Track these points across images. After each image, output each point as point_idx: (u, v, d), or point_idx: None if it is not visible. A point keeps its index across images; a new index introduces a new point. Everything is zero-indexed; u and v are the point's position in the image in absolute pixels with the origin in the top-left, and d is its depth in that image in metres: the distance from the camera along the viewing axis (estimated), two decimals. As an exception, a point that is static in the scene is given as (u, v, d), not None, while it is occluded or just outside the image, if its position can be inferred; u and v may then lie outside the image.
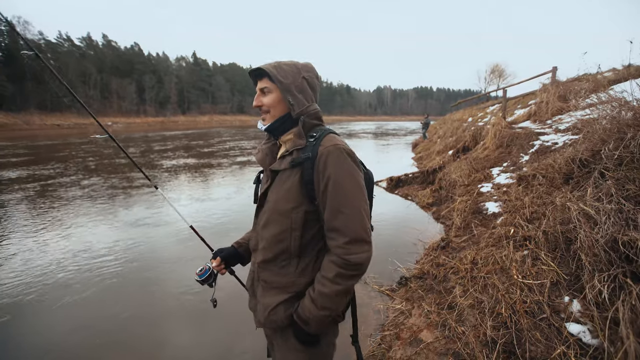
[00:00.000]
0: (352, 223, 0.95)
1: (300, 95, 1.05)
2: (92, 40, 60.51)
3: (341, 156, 0.97)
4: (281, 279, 1.05)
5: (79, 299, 3.12)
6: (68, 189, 7.51)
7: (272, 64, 1.05)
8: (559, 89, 6.26)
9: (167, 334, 2.69)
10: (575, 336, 1.74)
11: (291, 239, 1.02)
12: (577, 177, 2.92)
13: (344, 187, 0.96)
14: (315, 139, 1.02)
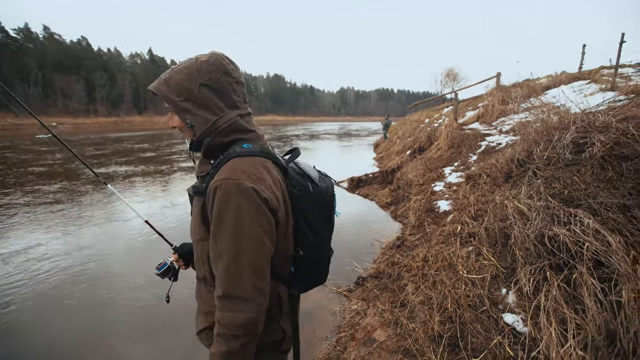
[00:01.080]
0: (227, 277, 0.80)
1: (201, 111, 0.87)
2: (30, 32, 55.00)
3: (228, 194, 0.79)
4: (205, 305, 0.97)
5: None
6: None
7: (164, 77, 0.89)
8: (501, 94, 6.77)
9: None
10: (510, 325, 1.87)
11: (204, 269, 0.94)
12: (515, 175, 3.15)
13: (223, 234, 0.80)
14: (215, 166, 0.87)
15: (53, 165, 10.58)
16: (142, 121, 56.65)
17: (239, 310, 0.80)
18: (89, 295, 3.21)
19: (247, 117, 0.95)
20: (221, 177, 0.81)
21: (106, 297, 3.18)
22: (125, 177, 9.08)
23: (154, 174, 9.59)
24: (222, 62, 0.90)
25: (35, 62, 49.54)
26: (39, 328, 2.75)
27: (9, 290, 3.25)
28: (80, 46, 61.44)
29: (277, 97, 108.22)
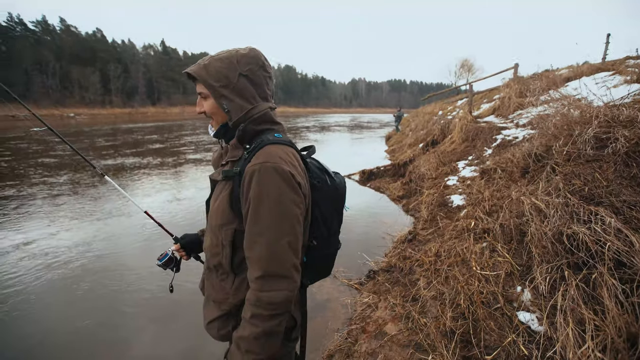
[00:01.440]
0: (268, 256, 0.83)
1: (238, 98, 0.92)
2: (48, 25, 56.05)
3: (268, 177, 0.82)
4: (218, 293, 0.99)
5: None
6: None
7: (203, 63, 0.92)
8: (519, 86, 6.56)
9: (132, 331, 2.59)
10: (525, 324, 1.84)
11: (222, 255, 0.95)
12: (532, 171, 3.08)
13: (264, 214, 0.83)
14: (250, 151, 0.90)
15: (63, 157, 10.75)
16: (155, 112, 57.50)
17: (279, 289, 0.83)
18: (95, 287, 3.24)
19: (274, 111, 1.01)
20: (259, 161, 0.84)
21: (111, 289, 3.19)
22: (131, 169, 9.06)
23: (160, 166, 9.54)
24: (261, 57, 0.97)
25: (52, 54, 50.61)
26: (42, 317, 2.84)
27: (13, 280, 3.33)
28: (95, 38, 62.36)
29: (288, 88, 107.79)
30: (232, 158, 0.95)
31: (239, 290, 0.96)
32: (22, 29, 51.56)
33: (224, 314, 0.98)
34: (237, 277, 0.97)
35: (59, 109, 45.05)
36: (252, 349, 0.85)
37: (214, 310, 1.00)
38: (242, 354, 0.86)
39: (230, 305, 0.97)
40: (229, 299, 0.97)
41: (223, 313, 0.98)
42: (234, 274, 0.97)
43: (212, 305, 1.01)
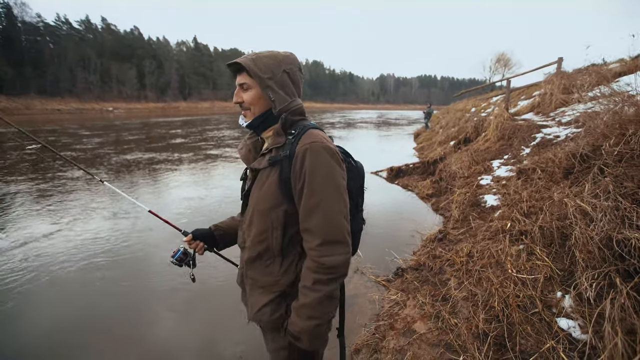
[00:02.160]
0: (326, 224, 0.92)
1: (281, 90, 1.00)
2: (90, 24, 59.57)
3: (319, 154, 0.93)
4: (266, 278, 1.04)
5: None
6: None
7: (250, 57, 0.99)
8: (563, 81, 6.16)
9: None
10: (565, 331, 1.76)
11: (272, 238, 1.00)
12: (577, 172, 2.90)
13: (319, 187, 0.92)
14: (295, 136, 0.98)
15: (86, 151, 10.96)
16: (186, 107, 59.64)
17: (338, 253, 0.92)
18: (111, 281, 3.24)
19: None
20: (308, 141, 0.94)
21: (129, 284, 3.20)
22: (148, 164, 9.02)
23: (176, 162, 9.48)
24: (297, 60, 1.08)
25: (94, 52, 53.72)
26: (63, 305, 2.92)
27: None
28: (132, 36, 65.52)
29: (315, 84, 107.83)
30: (276, 144, 1.00)
31: (288, 271, 1.03)
32: (68, 28, 55.14)
33: (275, 296, 1.03)
34: (285, 259, 1.03)
35: (99, 103, 47.91)
36: (314, 315, 0.94)
37: (263, 297, 1.05)
38: (304, 320, 0.94)
39: (281, 287, 1.03)
40: (280, 280, 1.03)
41: (275, 296, 1.03)
42: (281, 257, 1.02)
43: (259, 292, 1.06)
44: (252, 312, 1.09)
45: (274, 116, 1.02)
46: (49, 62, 46.34)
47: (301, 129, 1.00)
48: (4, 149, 8.34)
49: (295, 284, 1.02)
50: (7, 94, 37.65)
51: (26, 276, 3.24)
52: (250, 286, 1.10)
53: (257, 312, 1.06)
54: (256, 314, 1.07)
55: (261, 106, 1.03)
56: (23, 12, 47.32)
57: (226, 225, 1.31)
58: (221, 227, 1.31)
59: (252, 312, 1.09)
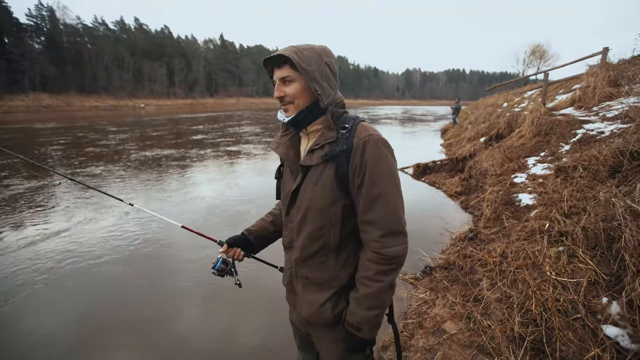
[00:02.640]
0: (388, 215, 0.93)
1: (325, 83, 0.98)
2: (124, 24, 62.31)
3: (377, 147, 0.93)
4: (322, 274, 1.03)
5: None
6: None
7: (292, 49, 0.95)
8: (609, 73, 5.72)
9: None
10: (612, 339, 1.66)
11: (330, 235, 0.99)
12: (625, 170, 2.70)
13: (380, 179, 0.93)
14: (348, 130, 0.97)
15: (109, 147, 11.23)
16: (213, 103, 61.23)
17: (399, 244, 0.95)
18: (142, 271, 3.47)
19: None
20: (366, 134, 0.95)
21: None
22: (163, 161, 8.98)
23: (193, 159, 9.49)
24: (333, 53, 1.05)
25: (128, 51, 56.24)
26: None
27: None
28: (163, 35, 67.89)
29: (341, 80, 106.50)
30: (329, 139, 0.98)
31: (346, 265, 1.03)
32: (104, 29, 58.01)
33: (335, 291, 1.04)
34: (340, 254, 1.03)
35: (132, 100, 50.20)
36: (375, 304, 0.96)
37: (321, 294, 1.04)
38: (365, 311, 0.96)
39: (341, 281, 1.03)
40: (338, 275, 1.03)
41: (335, 291, 1.04)
42: (335, 253, 1.02)
43: (315, 289, 1.05)
44: (309, 311, 1.07)
45: (317, 110, 1.00)
46: (87, 61, 49.06)
47: (353, 122, 0.99)
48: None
49: (353, 276, 1.02)
50: (50, 92, 40.36)
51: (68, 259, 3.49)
52: (303, 285, 1.08)
53: (317, 309, 1.04)
54: (317, 312, 1.05)
55: (305, 99, 1.00)
56: (64, 15, 50.36)
57: (258, 228, 1.30)
58: (254, 231, 1.29)
59: (309, 310, 1.07)
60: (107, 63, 51.09)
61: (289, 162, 1.07)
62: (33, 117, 25.70)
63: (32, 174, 6.92)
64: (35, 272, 3.31)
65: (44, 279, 3.19)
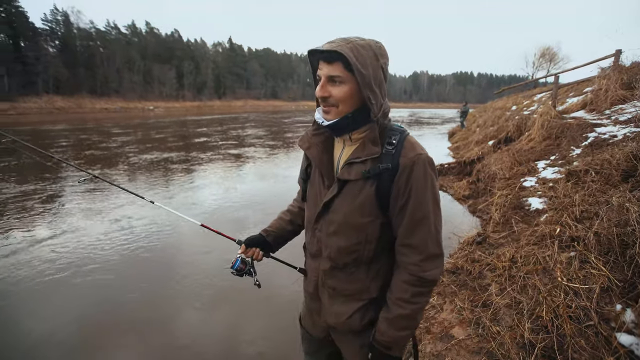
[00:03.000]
0: (430, 239, 0.90)
1: (378, 90, 0.87)
2: (136, 28, 63.40)
3: (425, 169, 0.88)
4: (351, 286, 1.01)
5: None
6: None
7: (348, 45, 0.82)
8: (622, 75, 5.62)
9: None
10: (627, 347, 1.62)
11: (364, 250, 0.96)
12: (639, 175, 2.64)
13: (424, 203, 0.88)
14: (394, 146, 0.89)
15: (110, 149, 11.49)
16: (221, 105, 61.81)
17: (437, 267, 0.92)
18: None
19: None
20: (414, 153, 0.88)
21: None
22: (161, 165, 8.76)
23: (192, 162, 9.41)
24: (387, 53, 0.92)
25: (138, 54, 57.18)
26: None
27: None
28: (173, 38, 68.85)
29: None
30: (373, 155, 0.89)
31: (376, 278, 1.01)
32: (116, 33, 59.13)
33: (365, 303, 1.01)
34: (371, 267, 1.00)
35: (141, 102, 50.93)
36: (409, 325, 0.95)
37: (349, 304, 1.02)
38: (397, 331, 0.94)
39: (372, 293, 1.01)
40: (369, 288, 1.01)
41: (364, 303, 1.01)
42: (367, 265, 1.00)
43: (342, 300, 1.03)
44: (337, 320, 1.04)
45: (363, 118, 0.91)
46: (99, 64, 50.03)
47: (400, 137, 0.91)
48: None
49: (383, 289, 1.00)
50: (62, 94, 41.21)
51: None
52: (330, 295, 1.05)
53: (346, 320, 1.03)
54: (345, 322, 1.03)
55: (351, 105, 0.89)
56: (78, 19, 51.52)
57: (276, 228, 1.26)
58: (272, 232, 1.24)
59: (337, 320, 1.04)
60: (119, 66, 52.00)
61: (322, 167, 0.99)
62: (45, 119, 26.22)
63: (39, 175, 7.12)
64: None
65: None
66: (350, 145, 0.96)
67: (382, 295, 1.00)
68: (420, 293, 0.92)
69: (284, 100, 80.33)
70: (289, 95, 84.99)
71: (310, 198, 1.05)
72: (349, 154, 0.95)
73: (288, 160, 10.19)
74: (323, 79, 0.88)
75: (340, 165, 0.96)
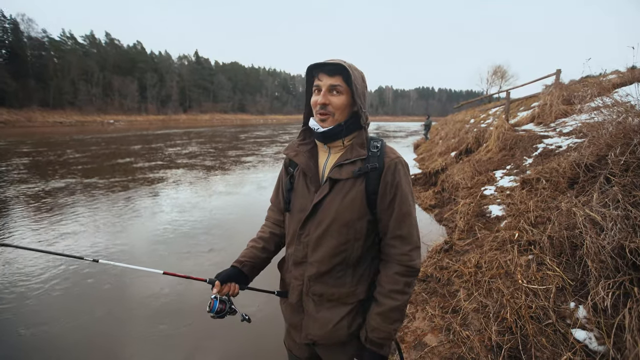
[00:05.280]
0: (415, 231, 1.02)
1: (365, 104, 1.04)
2: (95, 39, 60.60)
3: (405, 169, 1.03)
4: (338, 290, 1.03)
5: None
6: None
7: (347, 63, 0.99)
8: (563, 92, 6.24)
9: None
10: (582, 342, 1.74)
11: (353, 249, 1.01)
12: (582, 181, 2.91)
13: (407, 198, 1.00)
14: (378, 149, 1.03)
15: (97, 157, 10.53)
16: (187, 119, 60.13)
17: (419, 257, 1.02)
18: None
19: None
20: (394, 155, 1.03)
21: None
22: (41, 197, 6.67)
23: (97, 188, 7.56)
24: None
25: (97, 65, 54.51)
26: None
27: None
28: (135, 50, 66.61)
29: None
30: (361, 156, 1.01)
31: (362, 280, 1.05)
32: (72, 43, 56.10)
33: (352, 308, 1.04)
34: (357, 269, 1.04)
35: (101, 116, 48.30)
36: (400, 317, 1.01)
37: (336, 311, 1.03)
38: (390, 324, 0.99)
39: (359, 296, 1.04)
40: (355, 290, 1.04)
41: (352, 307, 1.04)
42: (353, 268, 1.03)
43: (329, 306, 1.04)
44: (322, 331, 1.03)
45: (353, 126, 1.05)
46: (52, 75, 47.00)
47: (382, 143, 1.06)
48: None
49: (369, 291, 1.05)
50: (8, 107, 38.00)
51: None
52: (315, 303, 1.05)
53: (332, 327, 1.02)
54: (331, 331, 1.02)
55: (345, 114, 1.03)
56: (29, 27, 48.32)
57: (250, 257, 1.18)
58: (248, 261, 1.17)
59: (322, 330, 1.03)
60: (74, 77, 49.14)
61: (309, 172, 1.05)
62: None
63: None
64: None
65: None
66: (335, 153, 1.07)
67: (369, 297, 1.04)
68: (410, 283, 1.00)
69: (252, 114, 79.84)
70: (257, 108, 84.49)
71: (295, 206, 1.08)
72: (334, 160, 1.05)
73: (215, 185, 8.20)
74: (324, 89, 1.00)
75: (326, 171, 1.06)
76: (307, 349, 1.15)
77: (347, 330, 1.03)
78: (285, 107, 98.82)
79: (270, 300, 2.79)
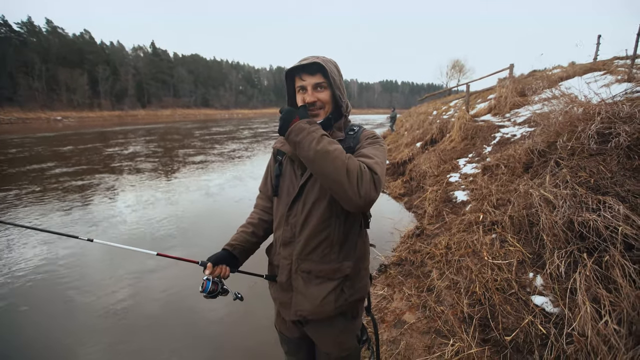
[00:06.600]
0: (378, 167, 0.97)
1: (344, 94, 1.11)
2: (33, 26, 54.88)
3: (379, 139, 1.13)
4: (325, 266, 1.08)
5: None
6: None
7: (321, 59, 1.05)
8: (516, 85, 6.76)
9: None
10: (540, 306, 1.97)
11: (336, 225, 1.07)
12: (536, 166, 3.22)
13: (378, 150, 1.06)
14: (355, 132, 1.14)
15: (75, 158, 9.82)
16: (146, 115, 56.75)
17: (371, 190, 0.92)
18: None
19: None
20: (372, 132, 1.15)
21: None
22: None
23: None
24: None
25: (38, 56, 49.51)
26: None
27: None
28: (83, 40, 61.32)
29: (280, 90, 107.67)
30: (339, 137, 1.12)
31: (348, 257, 1.10)
32: (6, 31, 50.37)
33: (338, 283, 1.09)
34: (343, 246, 1.09)
35: (46, 112, 44.11)
36: (304, 144, 0.96)
37: (324, 286, 1.09)
38: (307, 135, 0.96)
39: (344, 272, 1.09)
40: (341, 267, 1.09)
41: (337, 283, 1.09)
42: (338, 245, 1.09)
43: (317, 282, 1.09)
44: (311, 306, 1.09)
45: (337, 115, 1.13)
46: (-16, 68, 42.03)
47: (359, 129, 1.16)
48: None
49: (355, 267, 1.11)
50: None
51: None
52: (304, 280, 1.10)
53: (320, 302, 1.07)
54: (319, 306, 1.08)
55: (331, 106, 1.11)
56: (-49, 12, 42.55)
57: (241, 241, 1.24)
58: (238, 245, 1.22)
59: (311, 305, 1.09)
60: (11, 70, 44.31)
61: (297, 159, 1.13)
62: None
63: None
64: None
65: None
66: None
67: (354, 272, 1.11)
68: (343, 160, 0.92)
69: (216, 109, 77.20)
70: (222, 103, 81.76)
71: (284, 190, 1.17)
72: None
73: (145, 193, 6.77)
74: (309, 88, 1.07)
75: None
76: (296, 329, 1.22)
77: (334, 304, 1.09)
78: (251, 102, 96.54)
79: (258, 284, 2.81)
